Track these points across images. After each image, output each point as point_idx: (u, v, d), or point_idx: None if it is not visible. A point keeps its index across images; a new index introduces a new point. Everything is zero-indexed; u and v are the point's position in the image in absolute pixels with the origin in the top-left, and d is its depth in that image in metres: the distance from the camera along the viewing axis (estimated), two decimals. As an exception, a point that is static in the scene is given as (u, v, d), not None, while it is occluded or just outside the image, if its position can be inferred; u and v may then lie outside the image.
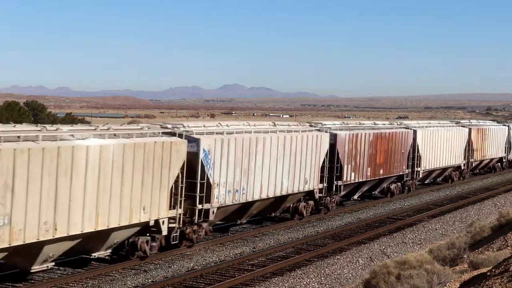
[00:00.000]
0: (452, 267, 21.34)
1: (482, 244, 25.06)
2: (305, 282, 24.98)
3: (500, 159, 68.51)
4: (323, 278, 25.87)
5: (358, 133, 40.39)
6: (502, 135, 67.55)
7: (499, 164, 68.79)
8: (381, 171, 43.36)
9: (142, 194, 24.89)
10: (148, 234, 26.09)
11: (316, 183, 36.26)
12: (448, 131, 54.41)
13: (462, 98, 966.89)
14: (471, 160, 59.81)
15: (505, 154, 69.05)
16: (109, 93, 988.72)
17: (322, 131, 37.29)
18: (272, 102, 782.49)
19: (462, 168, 57.87)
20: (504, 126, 69.15)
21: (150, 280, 24.04)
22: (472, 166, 61.19)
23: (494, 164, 67.85)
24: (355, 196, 43.16)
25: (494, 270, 15.41)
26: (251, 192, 31.05)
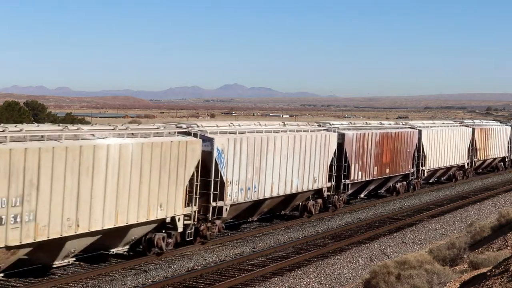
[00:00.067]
0: (452, 267, 21.25)
1: (482, 244, 24.93)
2: (305, 282, 24.96)
3: (502, 159, 69.16)
4: (323, 278, 25.86)
5: (365, 132, 41.04)
6: (505, 135, 68.25)
7: (502, 163, 69.42)
8: (387, 170, 44.00)
9: (159, 191, 25.58)
10: (164, 231, 26.77)
11: (325, 182, 36.91)
12: (452, 131, 55.09)
13: (462, 98, 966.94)
14: (474, 160, 60.49)
15: (507, 154, 69.71)
16: (109, 93, 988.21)
17: (330, 130, 37.95)
18: (272, 102, 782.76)
19: (466, 167, 58.54)
20: (507, 126, 69.85)
21: (150, 280, 24.01)
22: (476, 165, 61.83)
23: (497, 164, 68.51)
24: (362, 195, 43.85)
25: (494, 270, 15.36)
26: (262, 190, 31.73)
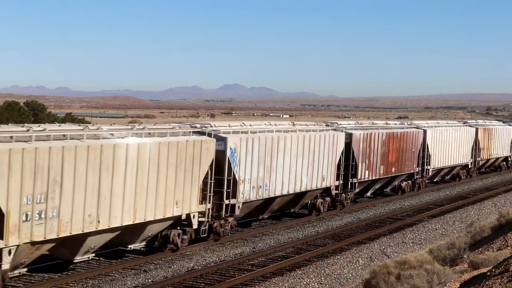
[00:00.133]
0: (452, 267, 21.23)
1: (482, 244, 24.89)
2: (305, 282, 25.01)
3: (505, 158, 69.94)
4: (323, 278, 25.92)
5: (372, 132, 41.74)
6: (507, 135, 69.02)
7: (505, 163, 70.21)
8: (393, 169, 44.69)
9: (175, 189, 26.29)
10: (179, 228, 27.48)
11: (333, 180, 37.61)
12: (456, 131, 55.82)
13: (462, 98, 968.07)
14: (477, 159, 61.24)
15: (510, 153, 70.48)
16: (109, 93, 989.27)
17: (338, 130, 38.67)
18: (272, 102, 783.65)
19: (469, 166, 59.29)
20: (509, 126, 70.63)
21: (150, 280, 24.07)
22: (479, 164, 62.60)
23: (500, 163, 69.27)
24: (368, 193, 44.56)
25: (494, 270, 15.34)
26: (273, 188, 32.44)
